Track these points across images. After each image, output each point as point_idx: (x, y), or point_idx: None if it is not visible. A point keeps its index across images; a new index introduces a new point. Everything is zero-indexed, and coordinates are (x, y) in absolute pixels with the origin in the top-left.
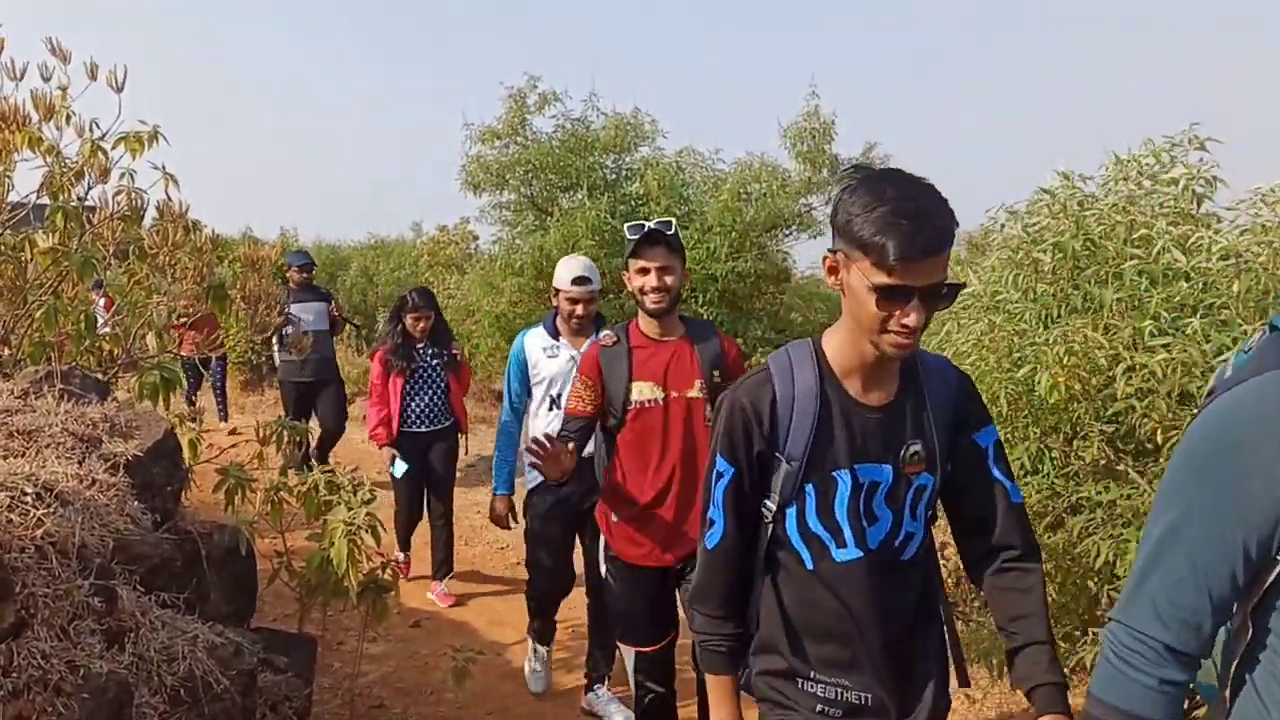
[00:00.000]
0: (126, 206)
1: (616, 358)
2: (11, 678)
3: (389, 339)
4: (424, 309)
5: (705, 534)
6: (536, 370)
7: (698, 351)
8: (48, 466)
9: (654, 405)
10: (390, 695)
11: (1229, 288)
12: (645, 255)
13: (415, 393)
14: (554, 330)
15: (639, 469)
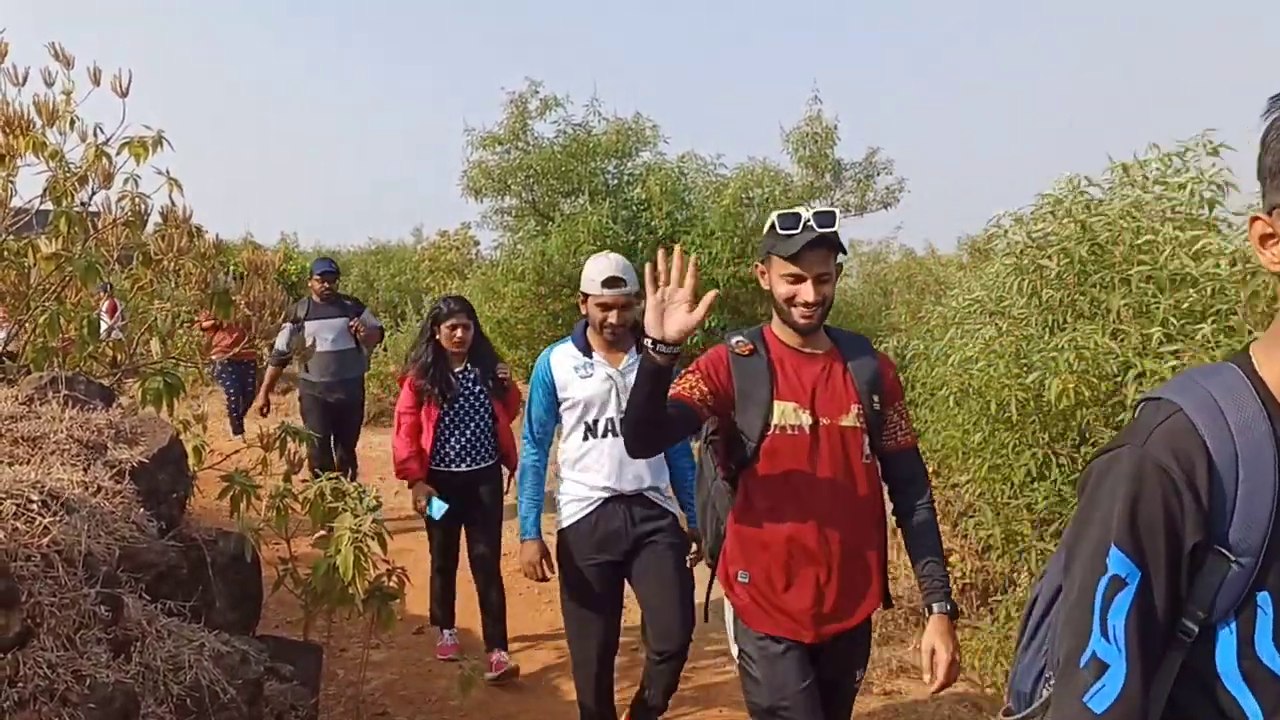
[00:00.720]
0: (130, 212)
1: (755, 371)
2: (18, 687)
3: (420, 359)
4: (459, 313)
5: (1087, 688)
6: (567, 393)
7: (851, 370)
8: (53, 473)
9: (799, 433)
10: (394, 703)
11: (1238, 293)
12: (803, 260)
13: (455, 426)
14: (585, 344)
15: (778, 512)
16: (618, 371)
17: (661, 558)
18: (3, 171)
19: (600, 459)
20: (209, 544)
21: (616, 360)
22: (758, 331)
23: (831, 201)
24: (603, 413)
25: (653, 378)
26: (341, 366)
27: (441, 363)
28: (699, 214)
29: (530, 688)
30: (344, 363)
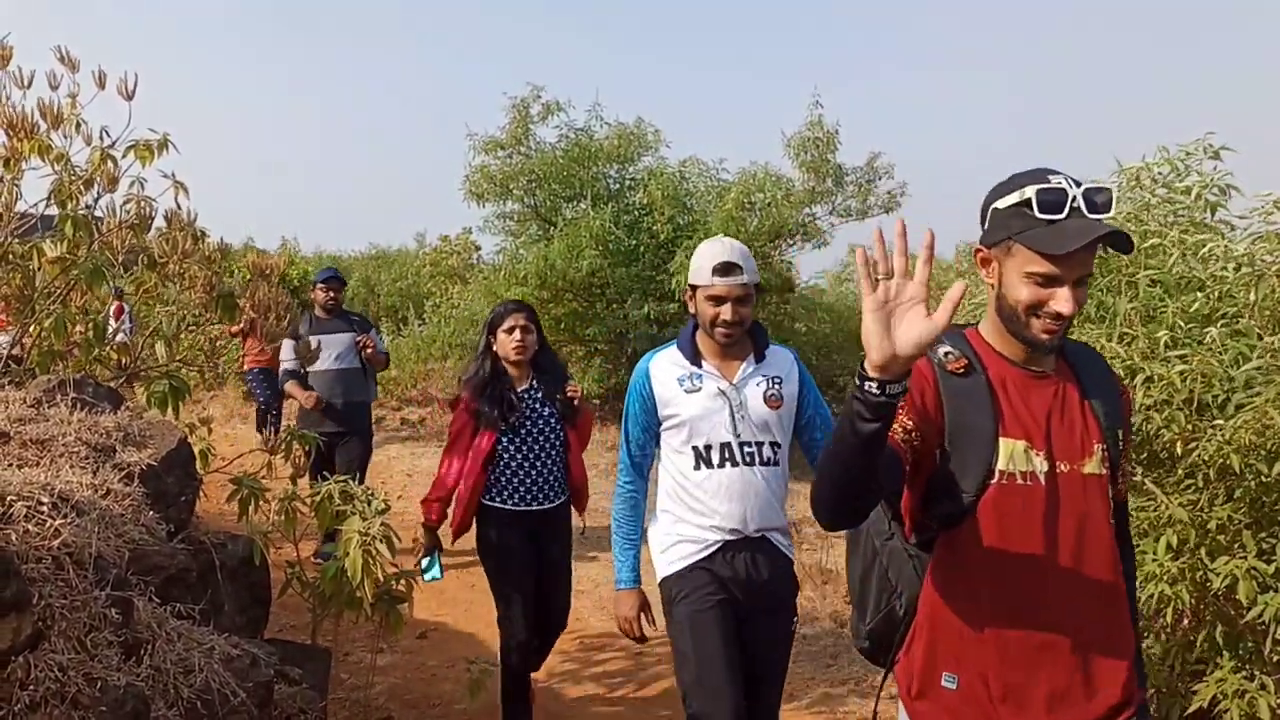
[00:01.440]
0: (135, 215)
1: (972, 396)
2: (29, 690)
3: (476, 374)
4: (518, 312)
5: None
6: (671, 410)
7: (1091, 397)
8: (62, 476)
9: (1031, 482)
10: (398, 707)
11: (1245, 296)
12: (1065, 262)
13: (518, 455)
14: (693, 350)
15: (1003, 591)
16: (731, 386)
17: (777, 638)
18: (8, 175)
19: (717, 494)
20: (218, 547)
21: (730, 370)
22: (961, 337)
23: (833, 206)
24: (716, 435)
25: (868, 428)
26: (345, 388)
27: (502, 379)
28: (701, 218)
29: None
30: (348, 384)
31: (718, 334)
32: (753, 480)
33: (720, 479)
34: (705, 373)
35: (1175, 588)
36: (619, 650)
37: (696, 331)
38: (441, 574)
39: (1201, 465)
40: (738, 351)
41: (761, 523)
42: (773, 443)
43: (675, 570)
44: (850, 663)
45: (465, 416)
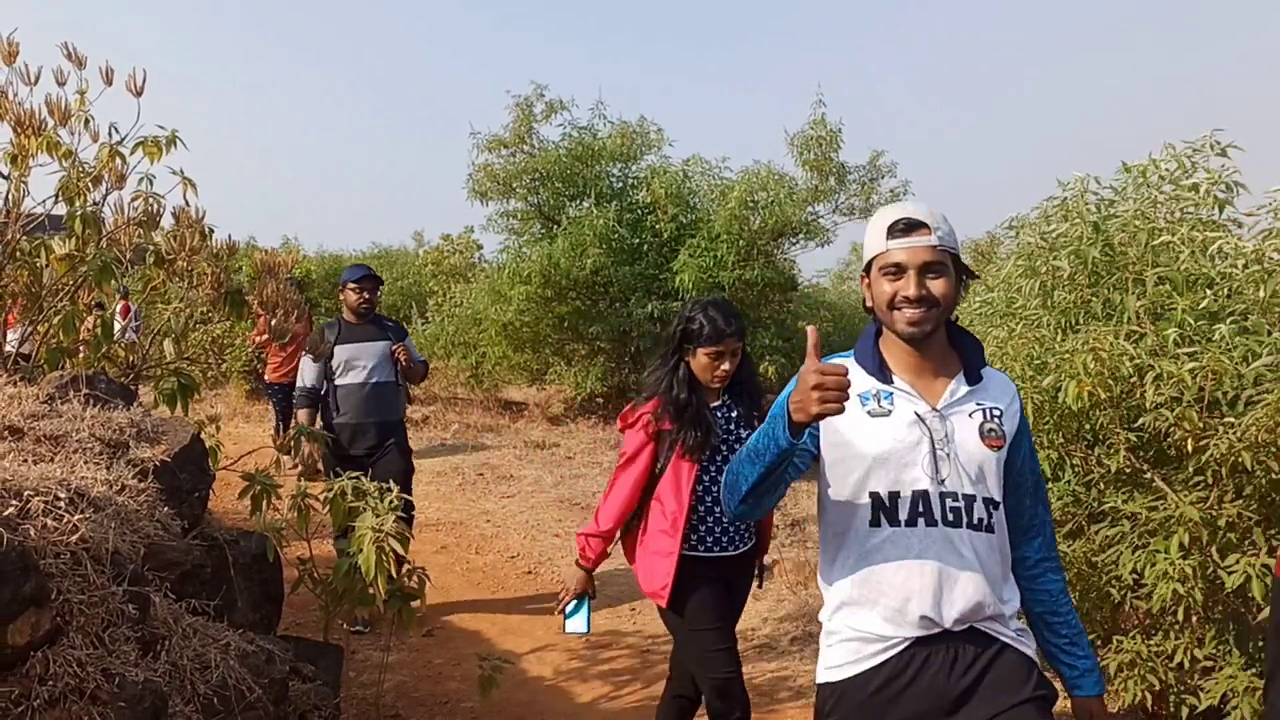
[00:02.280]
0: (143, 212)
1: None
2: (48, 685)
3: (669, 390)
4: (733, 335)
5: None
6: (842, 439)
7: None
8: (77, 471)
9: None
10: (405, 705)
11: (1254, 293)
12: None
13: (715, 488)
14: (878, 362)
15: None
16: (934, 412)
17: None
18: (15, 172)
19: (904, 568)
20: (231, 543)
21: (933, 391)
22: None
23: (835, 205)
24: (908, 480)
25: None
26: (380, 406)
27: (699, 398)
28: (704, 217)
29: (541, 689)
30: (384, 402)
31: (902, 323)
32: (957, 548)
33: (909, 543)
34: (898, 391)
35: (1186, 586)
36: (625, 649)
37: (880, 337)
38: (588, 628)
39: (1212, 463)
40: (941, 365)
41: (969, 613)
42: (987, 499)
43: (833, 679)
44: None
45: (645, 438)
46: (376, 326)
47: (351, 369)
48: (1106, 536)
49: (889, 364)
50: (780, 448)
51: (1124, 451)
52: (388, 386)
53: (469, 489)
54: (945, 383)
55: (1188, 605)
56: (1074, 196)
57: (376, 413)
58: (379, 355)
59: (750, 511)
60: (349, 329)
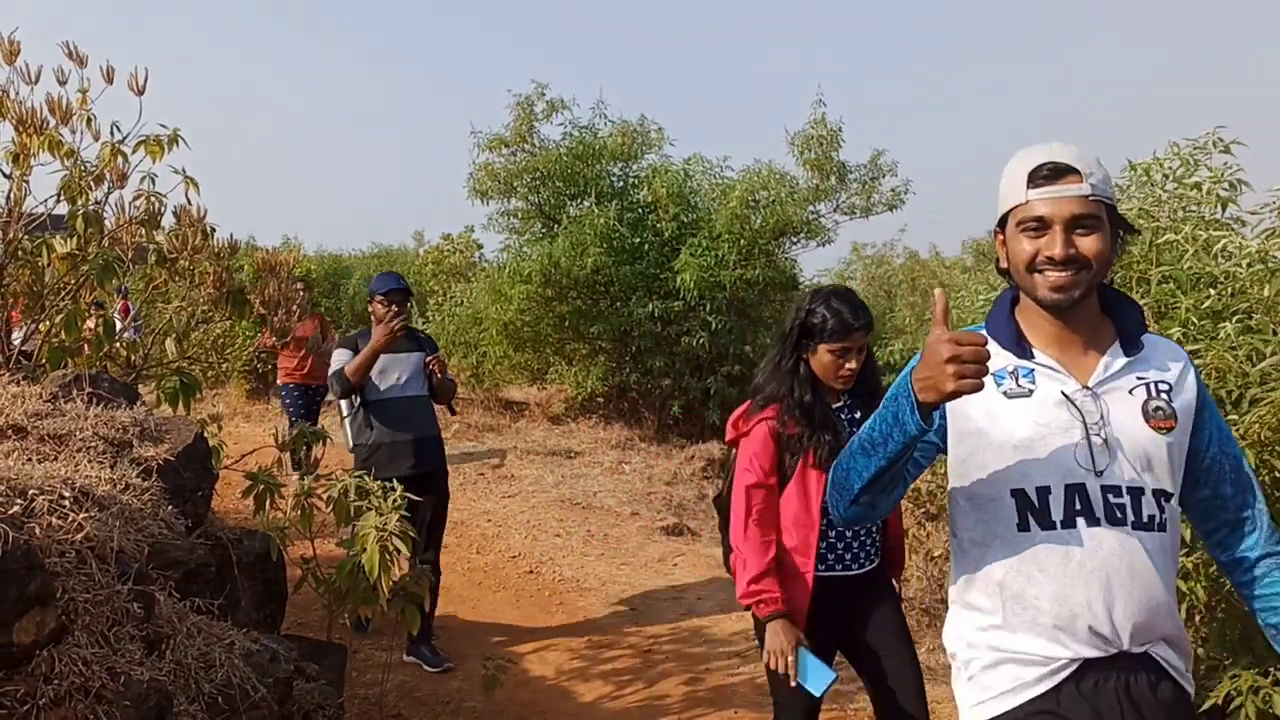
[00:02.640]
0: (145, 211)
1: None
2: (53, 684)
3: (789, 393)
4: (860, 330)
5: None
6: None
7: None
8: (81, 470)
9: None
10: (408, 705)
11: (1258, 291)
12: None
13: None
14: (1014, 333)
15: None
16: (1085, 391)
17: None
18: (17, 171)
19: (1063, 575)
20: (234, 543)
21: (1083, 366)
22: None
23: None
24: (1060, 473)
25: None
26: (418, 421)
27: (824, 400)
28: (705, 216)
29: (543, 689)
30: (421, 417)
31: (1044, 288)
32: (1126, 550)
33: (1068, 548)
34: (1039, 368)
35: (1190, 584)
36: (627, 648)
37: (1017, 305)
38: (832, 673)
39: None
40: (1092, 336)
41: (1144, 629)
42: (1158, 491)
43: (990, 715)
44: None
45: (769, 444)
46: (409, 338)
47: (385, 382)
48: None
49: (1028, 336)
50: (908, 434)
51: None
52: (423, 401)
53: (470, 488)
54: (1097, 356)
55: (1190, 604)
56: None
57: (415, 428)
58: (413, 368)
59: (863, 514)
60: None
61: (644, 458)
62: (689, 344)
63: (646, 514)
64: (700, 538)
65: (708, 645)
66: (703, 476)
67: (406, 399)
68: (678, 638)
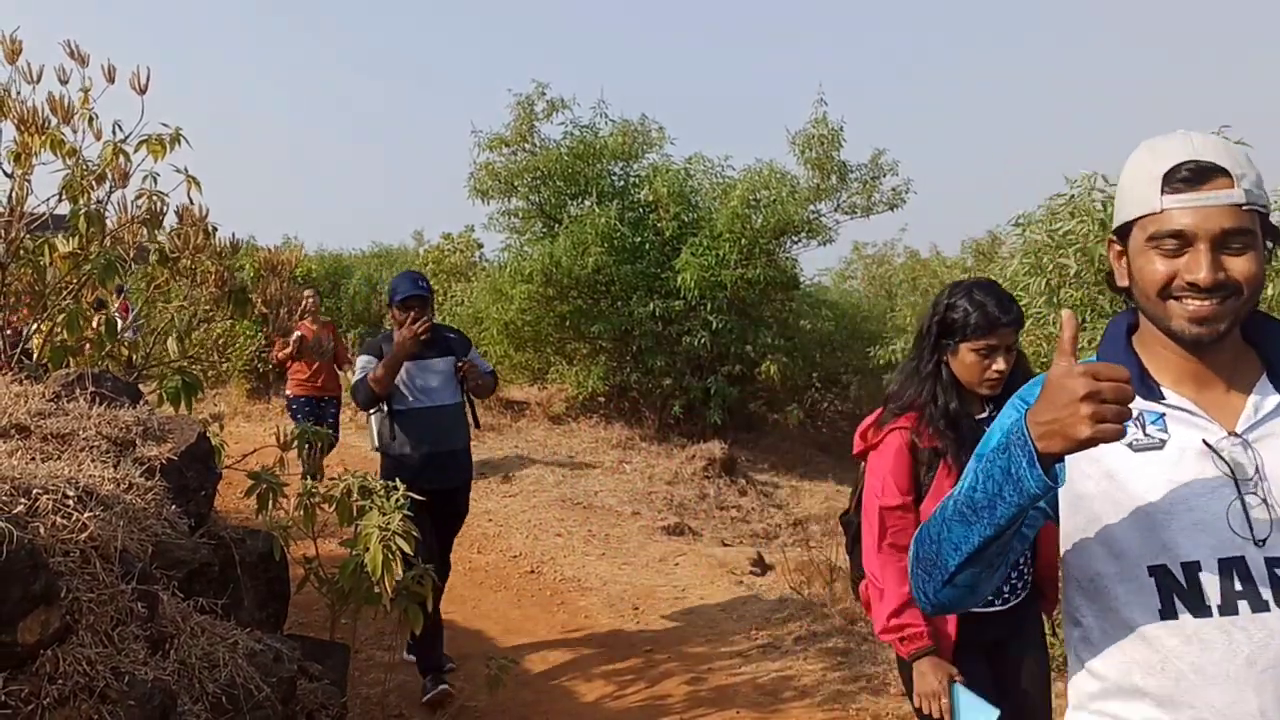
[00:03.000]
0: (146, 210)
1: None
2: (57, 684)
3: (931, 399)
4: (1010, 327)
5: None
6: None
7: None
8: (84, 470)
9: None
10: (409, 705)
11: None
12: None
13: None
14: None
15: None
16: (1234, 439)
17: None
18: (18, 170)
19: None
20: (237, 542)
21: (1227, 408)
22: None
23: (837, 203)
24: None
25: None
26: (446, 432)
27: (967, 407)
28: (706, 216)
29: (545, 689)
30: (450, 427)
31: (1183, 319)
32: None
33: (1232, 641)
34: (1172, 412)
35: None
36: (628, 648)
37: (1134, 333)
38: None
39: None
40: (1234, 371)
41: None
42: None
43: None
44: (860, 660)
45: (904, 457)
46: (437, 341)
47: (414, 391)
48: None
49: (1152, 373)
50: (1025, 495)
51: None
52: (455, 410)
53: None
54: (1242, 395)
55: None
56: (1081, 193)
57: (443, 440)
58: (442, 374)
59: (959, 599)
60: None
61: (645, 457)
62: (690, 343)
63: (647, 514)
64: (701, 537)
65: (709, 645)
66: (703, 476)
67: (437, 409)
68: (679, 637)
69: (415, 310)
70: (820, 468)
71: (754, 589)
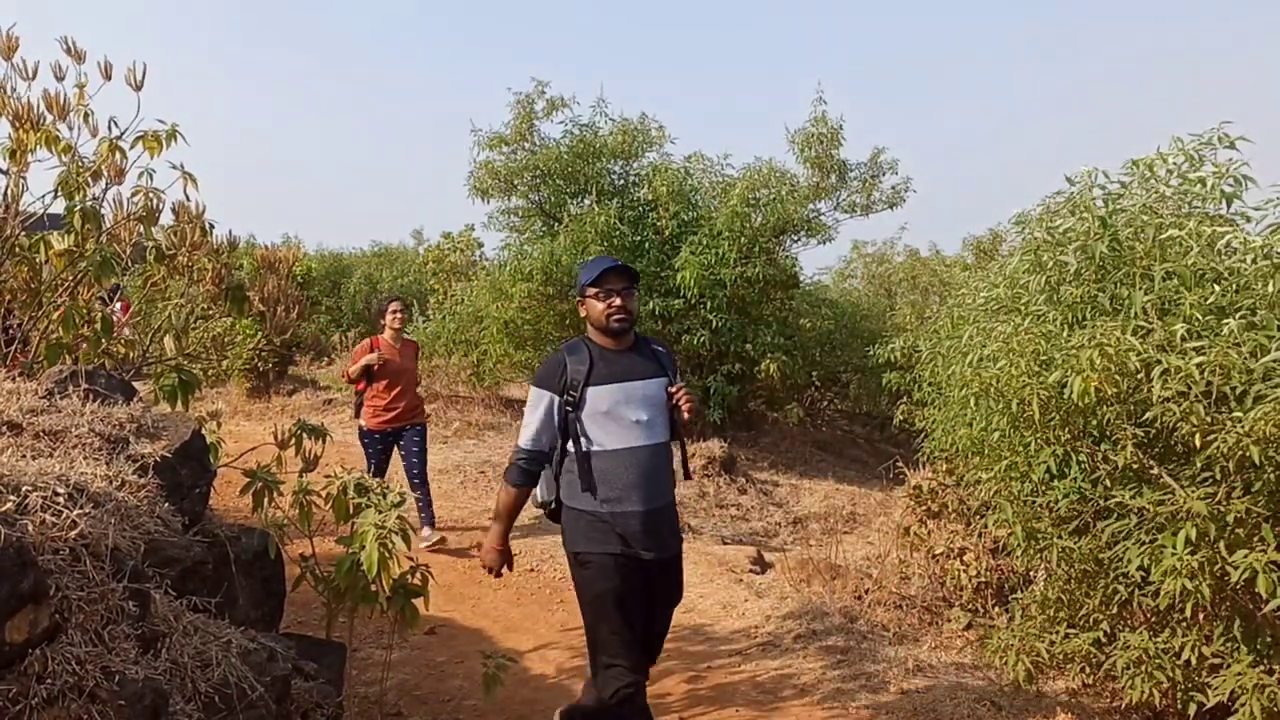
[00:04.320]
0: (142, 207)
1: None
2: (46, 684)
3: None
4: None
5: None
6: None
7: None
8: (76, 467)
9: None
10: (408, 704)
11: (1263, 288)
12: None
13: None
14: None
15: None
16: None
17: None
18: (13, 167)
19: None
20: (232, 540)
21: None
22: None
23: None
24: None
25: None
26: (655, 482)
27: None
28: (706, 214)
29: (544, 687)
30: (657, 476)
31: None
32: None
33: None
34: None
35: (1194, 582)
36: None
37: None
38: None
39: (1220, 458)
40: None
41: None
42: None
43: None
44: (860, 658)
45: None
46: (642, 353)
47: (613, 423)
48: (1113, 532)
49: None
50: None
51: (1131, 447)
52: (662, 451)
53: (470, 486)
54: None
55: (1196, 601)
56: (1081, 191)
57: (657, 493)
58: (653, 402)
59: None
60: (605, 357)
61: None
62: (690, 342)
63: None
64: (701, 536)
65: (709, 644)
66: (703, 474)
67: (650, 450)
68: (678, 636)
69: (622, 293)
70: (820, 466)
71: (753, 587)
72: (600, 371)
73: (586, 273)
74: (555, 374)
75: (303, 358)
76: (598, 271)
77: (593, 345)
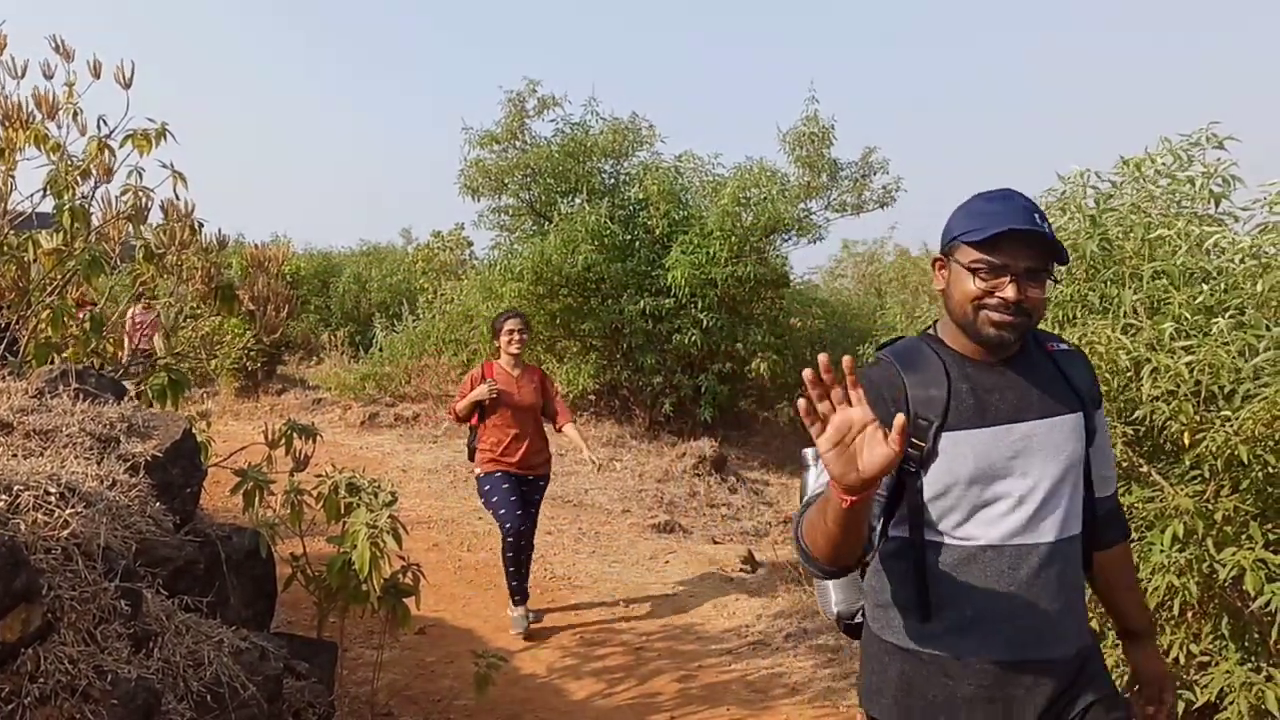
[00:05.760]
0: (131, 206)
1: None
2: (38, 683)
3: None
4: None
5: None
6: None
7: None
8: (67, 466)
9: None
10: (399, 703)
11: (1251, 287)
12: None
13: None
14: None
15: None
16: None
17: None
18: (2, 165)
19: None
20: (223, 540)
21: None
22: None
23: (828, 201)
24: None
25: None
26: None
27: None
28: (696, 214)
29: (535, 687)
30: (1065, 594)
31: None
32: None
33: None
34: None
35: (1182, 579)
36: (619, 646)
37: None
38: None
39: (1209, 456)
40: None
41: None
42: None
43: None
44: (851, 657)
45: None
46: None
47: (967, 506)
48: None
49: None
50: None
51: (1120, 445)
52: (1072, 550)
53: (460, 486)
54: None
55: (1183, 599)
56: (1072, 190)
57: (1046, 631)
58: (1054, 479)
59: None
60: (971, 377)
61: (635, 455)
62: (680, 341)
63: (638, 511)
64: (691, 535)
65: (700, 643)
66: (694, 474)
67: (1046, 548)
68: (669, 635)
69: (1023, 276)
70: None
71: (744, 586)
72: (958, 411)
73: (965, 220)
74: (874, 403)
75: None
76: (989, 229)
77: (946, 353)
